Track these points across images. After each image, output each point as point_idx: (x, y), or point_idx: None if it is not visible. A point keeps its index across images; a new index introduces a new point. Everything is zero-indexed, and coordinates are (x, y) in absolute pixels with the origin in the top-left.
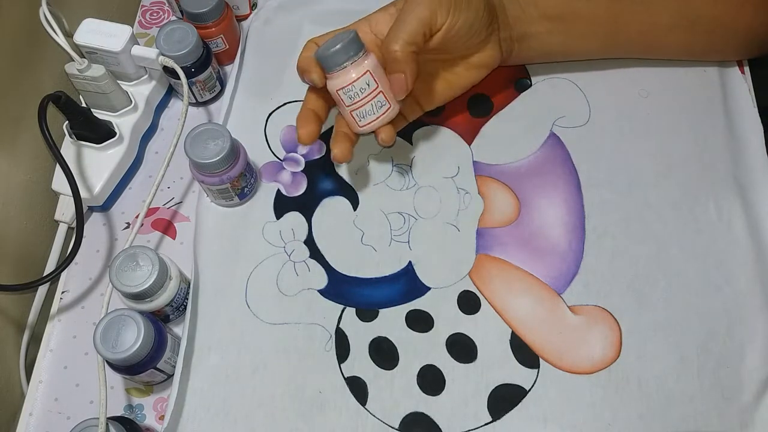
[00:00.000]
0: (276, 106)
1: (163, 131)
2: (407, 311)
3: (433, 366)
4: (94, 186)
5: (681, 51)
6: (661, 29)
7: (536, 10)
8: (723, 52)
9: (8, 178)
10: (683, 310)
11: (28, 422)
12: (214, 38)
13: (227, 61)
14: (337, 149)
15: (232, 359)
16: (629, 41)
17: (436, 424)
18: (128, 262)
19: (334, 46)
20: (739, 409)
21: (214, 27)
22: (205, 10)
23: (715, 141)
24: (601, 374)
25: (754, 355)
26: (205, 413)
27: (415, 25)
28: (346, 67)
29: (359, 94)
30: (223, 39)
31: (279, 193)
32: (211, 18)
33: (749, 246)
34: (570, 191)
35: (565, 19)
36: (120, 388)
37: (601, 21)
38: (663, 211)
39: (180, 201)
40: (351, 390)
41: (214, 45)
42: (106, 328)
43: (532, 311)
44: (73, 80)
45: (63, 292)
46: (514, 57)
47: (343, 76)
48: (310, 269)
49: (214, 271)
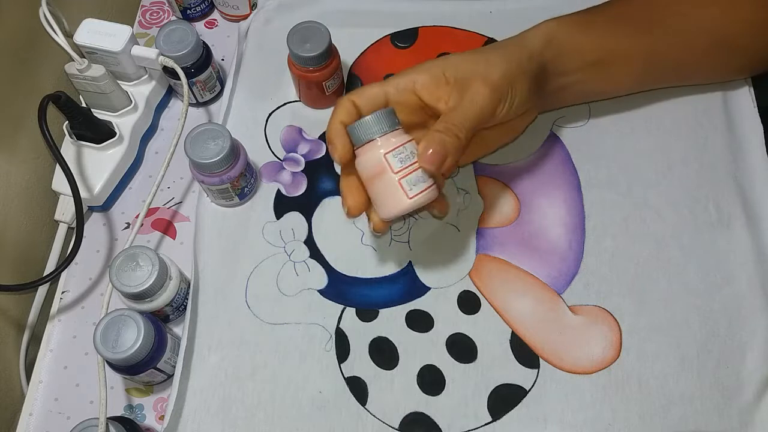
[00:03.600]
0: (276, 106)
1: (163, 131)
2: (407, 311)
3: (433, 366)
4: (94, 186)
5: (717, 72)
6: (696, 54)
7: (574, 62)
8: (754, 68)
9: (8, 178)
10: (683, 310)
11: (28, 422)
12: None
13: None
14: (351, 200)
15: (232, 359)
16: (664, 72)
17: (436, 424)
18: (128, 262)
19: (378, 113)
20: (739, 409)
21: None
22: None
23: (715, 141)
24: (601, 374)
25: (754, 355)
26: (205, 413)
27: (477, 121)
28: (398, 129)
29: (410, 158)
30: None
31: (279, 193)
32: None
33: (749, 246)
34: (570, 191)
35: (603, 63)
36: (120, 388)
37: (637, 57)
38: (663, 211)
39: (180, 201)
40: (351, 390)
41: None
42: (106, 328)
43: (532, 311)
44: (73, 80)
45: (63, 292)
46: (550, 105)
47: (395, 137)
48: (310, 269)
49: (214, 271)
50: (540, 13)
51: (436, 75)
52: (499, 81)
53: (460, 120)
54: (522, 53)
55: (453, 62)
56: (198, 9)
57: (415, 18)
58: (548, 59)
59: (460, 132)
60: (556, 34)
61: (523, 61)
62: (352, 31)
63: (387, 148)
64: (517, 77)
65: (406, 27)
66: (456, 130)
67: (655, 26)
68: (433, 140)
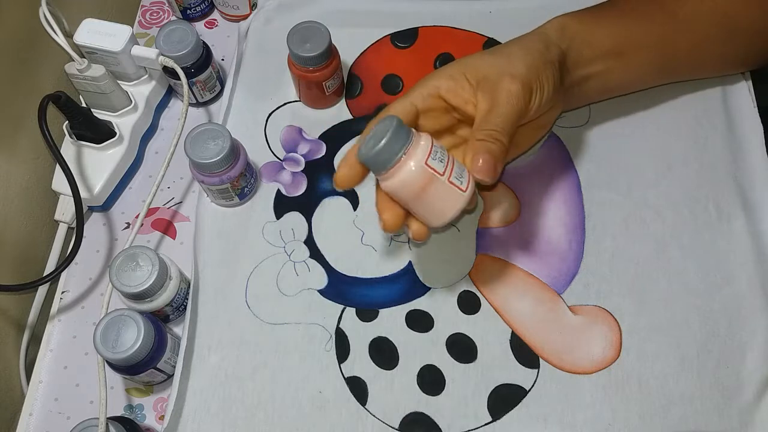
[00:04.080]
0: (276, 106)
1: (163, 131)
2: (407, 311)
3: (433, 366)
4: (94, 186)
5: (732, 61)
6: (711, 43)
7: (591, 50)
8: (764, 58)
9: (8, 178)
10: (683, 310)
11: (28, 422)
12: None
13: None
14: (387, 214)
15: (232, 359)
16: (679, 62)
17: (436, 424)
18: (128, 262)
19: (392, 129)
20: (739, 409)
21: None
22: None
23: (715, 141)
24: (601, 374)
25: (754, 355)
26: (205, 413)
27: (515, 119)
28: (412, 133)
29: (442, 153)
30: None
31: (279, 193)
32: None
33: (749, 246)
34: (570, 191)
35: (619, 52)
36: (120, 388)
37: (652, 47)
38: (663, 211)
39: (180, 201)
40: (351, 390)
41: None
42: (106, 328)
43: (532, 311)
44: (73, 80)
45: (63, 292)
46: (575, 102)
47: (422, 141)
48: (310, 269)
49: (214, 271)
50: (540, 13)
51: (457, 78)
52: (526, 73)
53: (499, 123)
54: (539, 44)
55: (472, 63)
56: (198, 9)
57: (415, 18)
58: (564, 49)
59: (501, 136)
60: (568, 24)
61: (543, 50)
62: (352, 31)
63: (423, 156)
64: (542, 66)
65: (406, 27)
66: (497, 134)
67: (667, 16)
68: (480, 150)
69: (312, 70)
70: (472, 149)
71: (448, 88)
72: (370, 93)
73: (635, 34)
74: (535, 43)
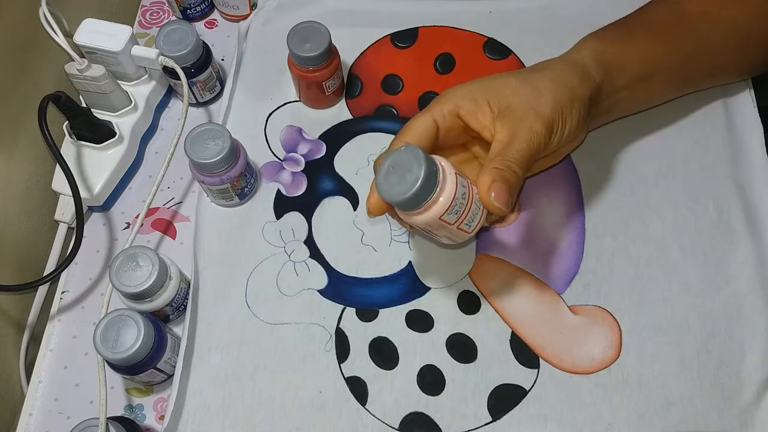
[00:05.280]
0: (276, 106)
1: (163, 131)
2: (407, 311)
3: (433, 366)
4: (94, 186)
5: (748, 68)
6: (728, 53)
7: (623, 78)
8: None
9: (8, 178)
10: (683, 310)
11: (28, 422)
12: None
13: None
14: (373, 198)
15: (232, 359)
16: (697, 78)
17: (436, 424)
18: (128, 262)
19: (416, 183)
20: (739, 409)
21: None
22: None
23: (715, 141)
24: (601, 374)
25: (754, 355)
26: (205, 413)
27: (533, 158)
28: (438, 179)
29: (462, 204)
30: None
31: (279, 193)
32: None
33: (749, 246)
34: (570, 191)
35: (648, 75)
36: (120, 388)
37: (676, 67)
38: (663, 211)
39: (180, 201)
40: (351, 390)
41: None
42: (106, 328)
43: (532, 311)
44: (73, 80)
45: (63, 292)
46: (596, 125)
47: (442, 197)
48: (310, 269)
49: (214, 271)
50: (540, 13)
51: (480, 103)
52: (551, 114)
53: (517, 157)
54: (573, 77)
55: (497, 90)
56: (198, 9)
57: (415, 18)
58: (599, 82)
59: (518, 168)
60: (604, 50)
61: (576, 85)
62: (352, 31)
63: (441, 210)
64: (569, 105)
65: (406, 27)
66: (515, 167)
67: (687, 31)
68: (497, 178)
69: (312, 70)
70: (489, 176)
71: (469, 110)
72: (370, 93)
73: (661, 56)
74: (568, 75)
